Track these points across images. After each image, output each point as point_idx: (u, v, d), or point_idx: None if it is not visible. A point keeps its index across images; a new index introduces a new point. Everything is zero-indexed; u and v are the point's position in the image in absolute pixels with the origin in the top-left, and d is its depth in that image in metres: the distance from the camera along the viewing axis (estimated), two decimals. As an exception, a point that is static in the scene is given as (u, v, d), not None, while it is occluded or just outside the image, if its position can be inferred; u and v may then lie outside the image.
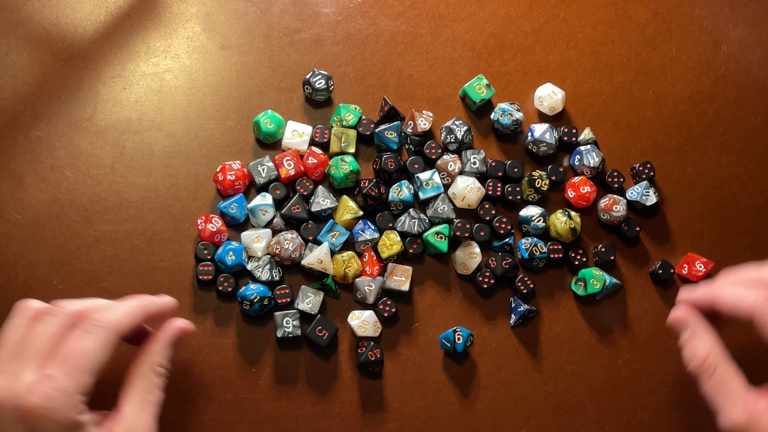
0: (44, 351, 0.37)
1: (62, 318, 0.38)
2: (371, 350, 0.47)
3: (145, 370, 0.40)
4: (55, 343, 0.37)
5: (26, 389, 0.35)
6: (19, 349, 0.37)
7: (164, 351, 0.41)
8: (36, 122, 0.50)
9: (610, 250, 0.50)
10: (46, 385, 0.35)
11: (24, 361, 0.36)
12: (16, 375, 0.36)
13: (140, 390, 0.39)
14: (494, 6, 0.54)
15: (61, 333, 0.38)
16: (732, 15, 0.55)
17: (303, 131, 0.50)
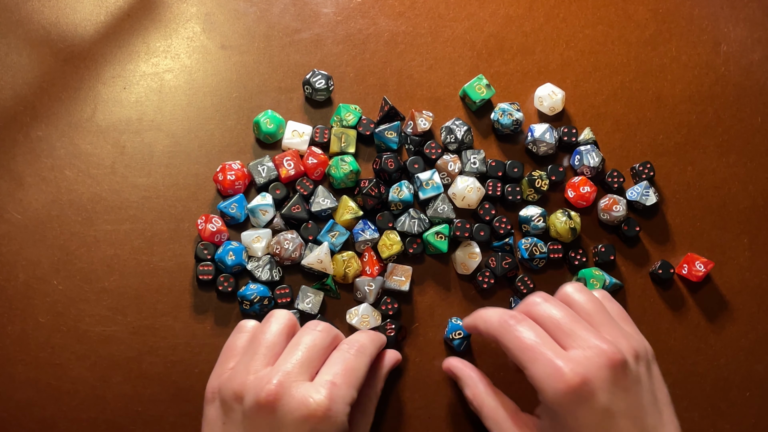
0: (316, 362, 0.40)
1: (326, 336, 0.41)
2: (399, 330, 0.48)
3: (374, 393, 0.44)
4: (323, 356, 0.41)
5: (314, 390, 0.37)
6: (291, 354, 0.40)
7: (385, 378, 0.46)
8: (36, 122, 0.50)
9: (610, 250, 0.50)
10: (331, 390, 0.38)
11: (301, 366, 0.39)
12: (295, 377, 0.38)
13: (367, 412, 0.44)
14: (494, 6, 0.54)
15: (327, 349, 0.41)
16: (732, 15, 0.55)
17: (303, 131, 0.50)
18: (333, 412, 0.37)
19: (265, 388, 0.37)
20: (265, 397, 0.37)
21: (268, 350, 0.40)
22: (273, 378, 0.38)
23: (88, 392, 0.47)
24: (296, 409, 0.37)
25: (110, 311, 0.48)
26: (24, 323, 0.48)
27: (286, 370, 0.38)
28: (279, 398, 0.37)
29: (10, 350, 0.48)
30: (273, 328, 0.42)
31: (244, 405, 0.38)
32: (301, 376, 0.39)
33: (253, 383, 0.38)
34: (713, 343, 0.50)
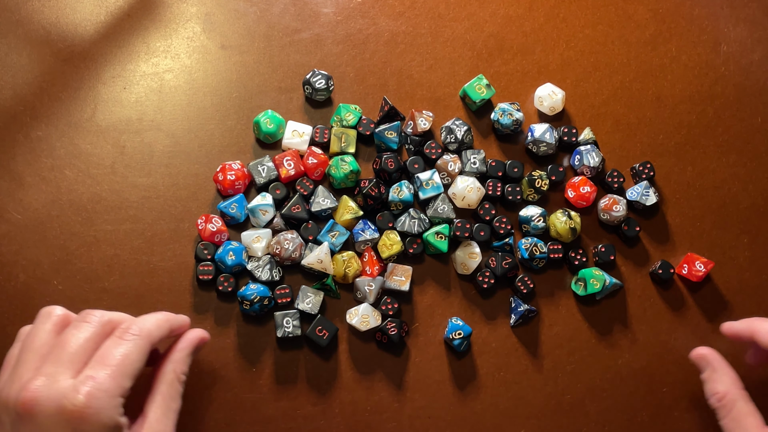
0: (82, 355, 0.37)
1: (96, 325, 0.39)
2: (400, 327, 0.48)
3: (171, 377, 0.41)
4: (91, 348, 0.38)
5: (71, 389, 0.35)
6: (55, 353, 0.37)
7: (186, 359, 0.42)
8: (36, 122, 0.50)
9: (610, 250, 0.50)
10: (90, 385, 0.35)
11: (62, 364, 0.37)
12: (55, 377, 0.36)
13: (165, 397, 0.40)
14: (494, 6, 0.54)
15: (96, 340, 0.38)
16: (732, 15, 0.55)
17: (303, 131, 0.50)
18: (94, 409, 0.35)
19: (21, 394, 0.35)
20: (21, 403, 0.35)
21: (35, 354, 0.38)
22: (31, 383, 0.35)
23: (88, 392, 0.47)
24: (54, 413, 0.35)
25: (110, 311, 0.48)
26: (24, 323, 0.48)
27: (47, 372, 0.36)
28: (35, 404, 0.35)
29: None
30: (39, 328, 0.39)
31: (9, 416, 0.36)
32: (63, 375, 0.36)
33: (14, 391, 0.36)
34: (713, 343, 0.50)
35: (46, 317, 0.40)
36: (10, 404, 0.36)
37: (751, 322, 0.45)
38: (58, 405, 0.35)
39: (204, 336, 0.44)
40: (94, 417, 0.35)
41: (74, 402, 0.35)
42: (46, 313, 0.40)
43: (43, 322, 0.40)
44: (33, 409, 0.35)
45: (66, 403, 0.35)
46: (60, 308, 0.40)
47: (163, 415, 0.39)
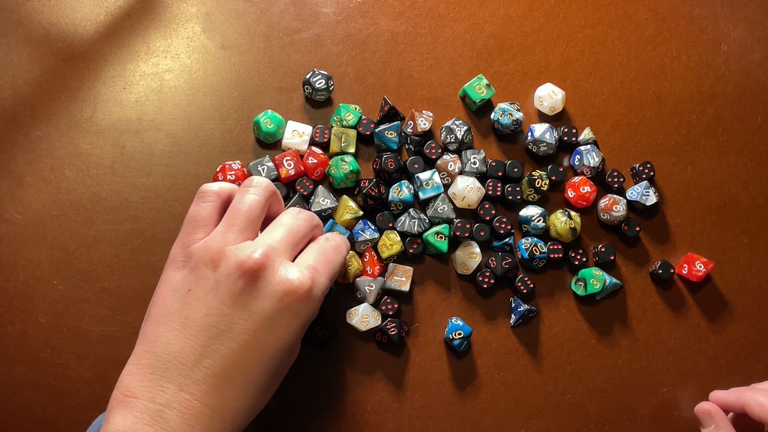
0: (297, 245, 0.40)
1: (308, 223, 0.42)
2: (400, 327, 0.48)
3: None
4: (302, 241, 0.41)
5: (297, 271, 0.38)
6: (279, 232, 0.40)
7: None
8: (36, 122, 0.50)
9: (610, 250, 0.50)
10: (314, 274, 0.39)
11: (286, 247, 0.39)
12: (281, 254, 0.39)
13: None
14: (494, 6, 0.54)
15: (309, 236, 0.42)
16: (732, 15, 0.55)
17: (303, 131, 0.50)
18: (313, 294, 0.38)
19: (250, 256, 0.37)
20: (249, 265, 0.37)
21: (247, 223, 0.40)
22: (258, 249, 0.38)
23: (88, 392, 0.47)
24: (278, 283, 0.37)
25: (110, 311, 0.48)
26: (24, 323, 0.48)
27: (270, 245, 0.38)
28: (263, 269, 0.37)
29: (10, 350, 0.48)
30: (252, 199, 0.41)
31: (219, 272, 0.38)
32: (284, 255, 0.39)
33: (234, 252, 0.38)
34: (713, 343, 0.50)
35: (258, 188, 0.41)
36: (227, 261, 0.38)
37: (740, 393, 0.45)
38: (284, 278, 0.37)
39: None
40: (311, 301, 0.38)
41: (302, 281, 0.38)
42: (258, 184, 0.41)
43: (257, 193, 0.41)
44: (260, 272, 0.37)
45: (294, 280, 0.38)
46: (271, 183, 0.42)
47: None
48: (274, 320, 0.37)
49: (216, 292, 0.37)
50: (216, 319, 0.37)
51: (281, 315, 0.37)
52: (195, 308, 0.37)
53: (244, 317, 0.37)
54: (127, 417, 0.35)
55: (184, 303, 0.38)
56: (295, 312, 0.38)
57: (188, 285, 0.38)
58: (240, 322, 0.37)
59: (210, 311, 0.37)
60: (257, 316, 0.37)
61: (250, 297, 0.37)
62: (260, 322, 0.37)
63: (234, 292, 0.37)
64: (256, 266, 0.37)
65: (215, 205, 0.41)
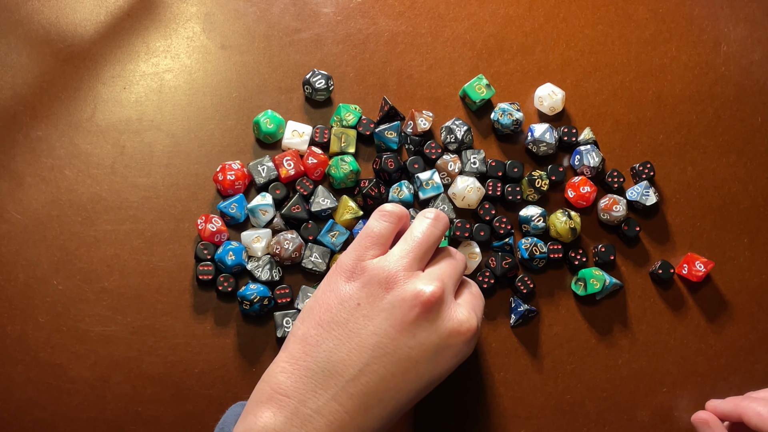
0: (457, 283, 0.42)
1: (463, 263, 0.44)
2: None
3: None
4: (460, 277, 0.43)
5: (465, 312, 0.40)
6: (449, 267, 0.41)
7: None
8: (36, 122, 0.50)
9: (610, 250, 0.50)
10: (475, 314, 0.40)
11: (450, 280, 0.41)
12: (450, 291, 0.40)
13: None
14: (494, 6, 0.54)
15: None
16: (732, 15, 0.55)
17: (303, 131, 0.50)
18: (476, 336, 0.40)
19: (429, 289, 0.38)
20: (427, 298, 0.38)
21: (423, 253, 0.41)
22: (435, 283, 0.39)
23: (88, 392, 0.47)
24: (449, 321, 0.39)
25: (110, 311, 0.48)
26: (24, 323, 0.48)
27: (445, 280, 0.40)
28: (438, 304, 0.38)
29: (10, 350, 0.48)
30: (431, 231, 0.41)
31: (392, 295, 0.38)
32: (453, 291, 0.40)
33: (412, 280, 0.39)
34: (713, 343, 0.50)
35: (439, 222, 0.42)
36: (401, 287, 0.39)
37: (737, 402, 0.46)
38: (455, 318, 0.39)
39: None
40: (473, 341, 0.40)
41: (472, 323, 0.39)
42: (439, 218, 0.42)
43: (437, 227, 0.42)
44: (435, 306, 0.38)
45: (465, 321, 0.39)
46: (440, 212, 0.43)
47: None
48: (437, 354, 0.38)
49: (387, 314, 0.38)
50: (383, 340, 0.38)
51: (445, 351, 0.38)
52: (362, 324, 0.38)
53: (411, 345, 0.38)
54: (278, 416, 0.36)
55: (352, 316, 0.38)
56: (458, 351, 0.39)
57: (358, 299, 0.39)
58: (405, 349, 0.38)
59: (378, 331, 0.38)
60: (423, 348, 0.38)
61: (420, 328, 0.38)
62: (424, 354, 0.38)
63: (406, 319, 0.38)
64: (433, 300, 0.38)
65: (394, 227, 0.42)
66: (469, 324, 0.39)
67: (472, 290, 0.43)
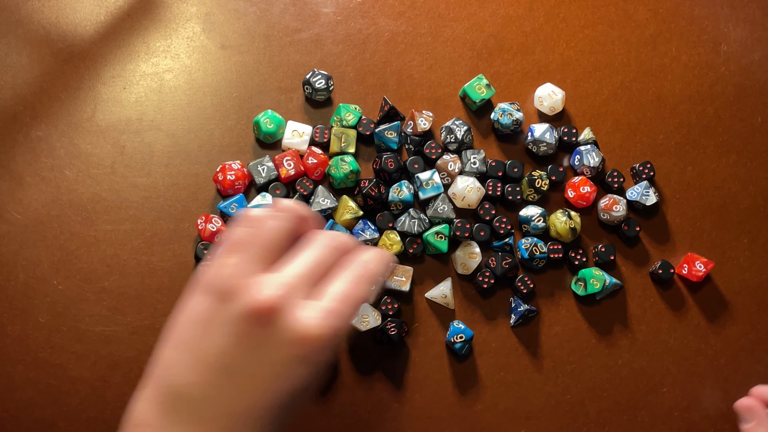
0: (319, 277, 0.36)
1: (337, 250, 0.37)
2: (400, 327, 0.48)
3: None
4: (327, 270, 0.36)
5: (316, 316, 0.34)
6: (302, 267, 0.36)
7: None
8: (36, 122, 0.50)
9: (610, 250, 0.50)
10: (334, 320, 0.34)
11: (304, 283, 0.35)
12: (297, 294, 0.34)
13: None
14: (494, 6, 0.54)
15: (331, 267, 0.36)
16: (732, 15, 0.55)
17: (303, 131, 0.50)
18: (330, 344, 0.34)
19: (263, 296, 0.33)
20: (260, 307, 0.33)
21: (264, 251, 0.36)
22: (271, 288, 0.34)
23: (88, 392, 0.47)
24: (292, 331, 0.33)
25: (110, 311, 0.48)
26: (24, 323, 0.48)
27: (286, 282, 0.34)
28: (275, 312, 0.33)
29: (10, 350, 0.48)
30: (272, 225, 0.36)
31: (232, 307, 0.34)
32: (302, 293, 0.35)
33: (247, 288, 0.34)
34: (713, 343, 0.50)
35: (286, 214, 0.37)
36: (241, 297, 0.34)
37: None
38: (299, 323, 0.33)
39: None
40: (326, 351, 0.34)
41: (319, 330, 0.33)
42: (287, 209, 0.37)
43: (283, 220, 0.37)
44: (270, 316, 0.33)
45: (310, 327, 0.33)
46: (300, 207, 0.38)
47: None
48: (286, 368, 0.34)
49: (229, 330, 0.34)
50: (229, 359, 0.34)
51: (294, 364, 0.34)
52: (210, 342, 0.34)
53: (256, 362, 0.34)
54: None
55: (199, 333, 0.35)
56: (310, 361, 0.34)
57: (203, 314, 0.35)
58: (251, 367, 0.34)
59: (224, 349, 0.34)
60: (269, 363, 0.34)
61: (261, 341, 0.34)
62: (272, 369, 0.34)
63: (245, 333, 0.34)
64: (267, 309, 0.33)
65: (255, 231, 0.37)
66: (317, 333, 0.33)
67: (343, 281, 0.36)
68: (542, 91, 0.52)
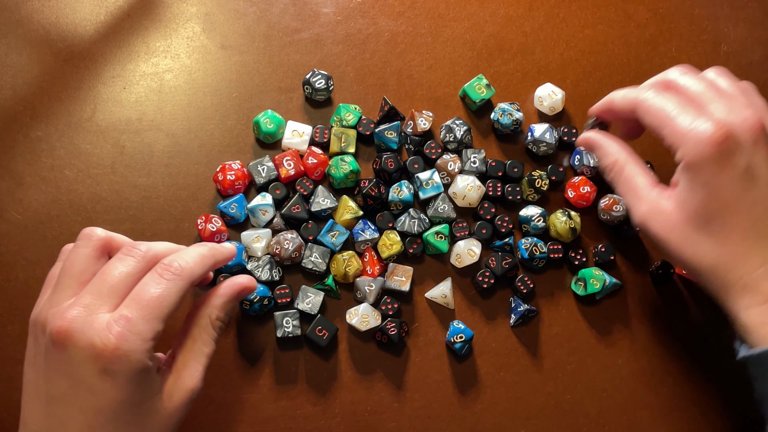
0: (122, 290, 0.37)
1: (140, 260, 0.38)
2: (400, 327, 0.48)
3: (205, 322, 0.40)
4: (132, 283, 0.37)
5: (104, 328, 0.35)
6: (95, 284, 0.37)
7: (225, 305, 0.41)
8: (36, 122, 0.50)
9: (609, 250, 0.50)
10: (122, 325, 0.35)
11: (100, 297, 0.36)
12: (92, 310, 0.36)
13: (197, 341, 0.40)
14: (494, 6, 0.54)
15: (138, 275, 0.38)
16: (732, 15, 0.55)
17: (303, 131, 0.50)
18: (123, 351, 0.34)
19: (56, 322, 0.35)
20: (56, 332, 0.35)
21: (74, 279, 0.38)
22: (68, 312, 0.35)
23: (88, 392, 0.47)
24: (84, 348, 0.35)
25: (110, 311, 0.48)
26: (24, 323, 0.48)
27: (84, 303, 0.36)
28: (70, 334, 0.35)
29: (10, 350, 0.48)
30: (80, 252, 0.39)
31: (44, 340, 0.36)
32: (101, 309, 0.36)
33: (50, 317, 0.36)
34: (713, 344, 0.50)
35: (86, 240, 0.39)
36: (46, 328, 0.36)
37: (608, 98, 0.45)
38: (89, 341, 0.35)
39: (248, 284, 0.42)
40: (123, 358, 0.35)
41: (105, 341, 0.34)
42: (87, 236, 0.39)
43: (84, 246, 0.39)
44: (66, 340, 0.35)
45: (97, 341, 0.34)
46: (101, 230, 0.40)
47: (193, 359, 0.39)
48: (96, 384, 0.35)
49: (45, 360, 0.36)
50: (52, 387, 0.36)
51: (100, 378, 0.35)
52: (39, 376, 0.37)
53: (70, 385, 0.35)
54: None
55: (31, 371, 0.37)
56: (113, 372, 0.35)
57: (31, 352, 0.38)
58: (70, 391, 0.35)
59: (46, 379, 0.36)
60: (81, 382, 0.35)
61: (67, 365, 0.35)
62: (86, 388, 0.35)
63: (55, 360, 0.36)
64: (62, 334, 0.35)
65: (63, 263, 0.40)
66: (103, 344, 0.34)
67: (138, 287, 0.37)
68: (542, 91, 0.52)
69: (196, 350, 0.40)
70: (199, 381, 0.39)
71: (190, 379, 0.39)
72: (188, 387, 0.39)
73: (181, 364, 0.39)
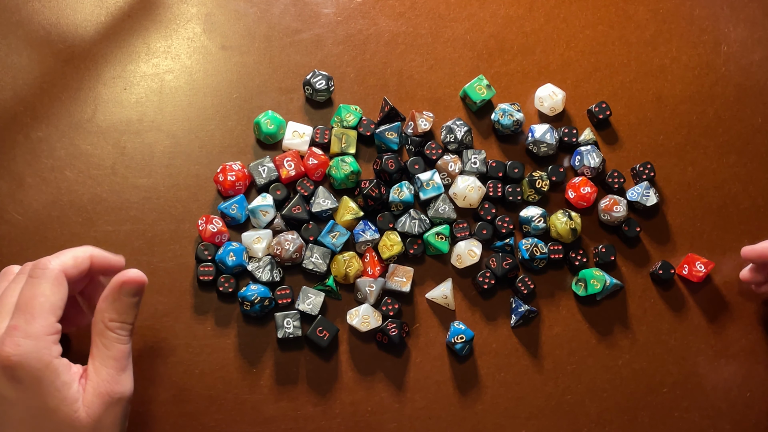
0: (10, 306, 0.39)
1: (25, 273, 0.40)
2: (400, 328, 0.48)
3: (100, 326, 0.40)
4: (17, 296, 0.39)
5: (0, 342, 0.37)
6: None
7: (114, 305, 0.40)
8: (36, 123, 0.50)
9: (610, 250, 0.50)
10: (12, 334, 0.37)
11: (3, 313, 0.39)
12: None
13: (99, 346, 0.40)
14: (494, 6, 0.54)
15: (21, 287, 0.40)
16: (732, 15, 0.55)
17: (303, 132, 0.50)
18: (19, 356, 0.37)
19: None
20: None
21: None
22: None
23: (89, 393, 0.47)
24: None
25: (111, 312, 0.48)
26: (25, 324, 0.48)
27: None
28: None
29: (11, 351, 0.48)
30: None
31: None
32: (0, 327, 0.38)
33: None
34: (713, 343, 0.50)
35: (1, 276, 0.42)
36: None
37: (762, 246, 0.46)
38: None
39: (134, 278, 0.40)
40: (24, 362, 0.37)
41: (3, 354, 0.37)
42: (2, 272, 0.42)
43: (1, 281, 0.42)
44: None
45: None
46: (15, 267, 0.42)
47: (102, 364, 0.40)
48: (11, 394, 0.37)
49: None
50: None
51: (12, 386, 0.37)
52: None
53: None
54: None
55: None
56: (20, 378, 0.37)
57: None
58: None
59: None
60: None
61: None
62: (2, 401, 0.37)
63: None
64: None
65: None
66: (2, 357, 0.37)
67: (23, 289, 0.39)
68: (542, 91, 0.52)
69: (101, 355, 0.40)
70: (114, 385, 0.39)
71: (104, 384, 0.39)
72: (103, 392, 0.39)
73: (93, 371, 0.39)
